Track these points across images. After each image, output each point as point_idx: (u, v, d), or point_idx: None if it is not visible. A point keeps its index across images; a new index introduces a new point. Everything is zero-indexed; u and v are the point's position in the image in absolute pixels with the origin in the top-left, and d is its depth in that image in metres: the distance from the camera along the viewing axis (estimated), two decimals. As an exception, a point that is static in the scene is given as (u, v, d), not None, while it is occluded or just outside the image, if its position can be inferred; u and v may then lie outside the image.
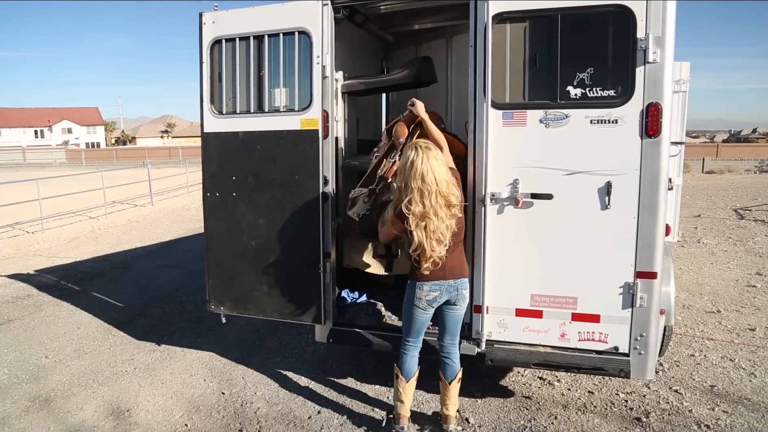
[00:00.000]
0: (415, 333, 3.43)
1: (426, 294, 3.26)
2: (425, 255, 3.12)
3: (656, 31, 3.01)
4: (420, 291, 3.26)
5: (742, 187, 18.09)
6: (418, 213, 3.04)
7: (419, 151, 3.08)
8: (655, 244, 3.18)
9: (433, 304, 3.30)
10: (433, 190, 3.03)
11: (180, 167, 27.84)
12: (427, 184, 3.02)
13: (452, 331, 3.45)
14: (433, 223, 3.05)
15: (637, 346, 3.29)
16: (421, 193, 3.03)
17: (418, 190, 3.03)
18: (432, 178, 3.02)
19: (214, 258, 4.25)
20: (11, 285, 7.74)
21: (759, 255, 8.42)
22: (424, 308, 3.31)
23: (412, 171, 3.04)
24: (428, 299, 3.27)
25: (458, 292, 3.30)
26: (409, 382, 3.48)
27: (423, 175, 3.02)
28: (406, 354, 3.48)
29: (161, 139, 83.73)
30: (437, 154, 3.11)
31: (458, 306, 3.36)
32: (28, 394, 4.34)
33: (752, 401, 3.91)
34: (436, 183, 3.03)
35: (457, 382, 3.49)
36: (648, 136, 3.10)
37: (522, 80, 3.36)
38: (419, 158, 3.04)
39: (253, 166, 4.00)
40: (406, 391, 3.49)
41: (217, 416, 3.93)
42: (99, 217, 14.10)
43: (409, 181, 3.05)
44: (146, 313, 6.27)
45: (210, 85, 4.09)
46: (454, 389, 3.49)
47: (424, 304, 3.29)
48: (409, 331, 3.44)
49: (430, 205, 3.03)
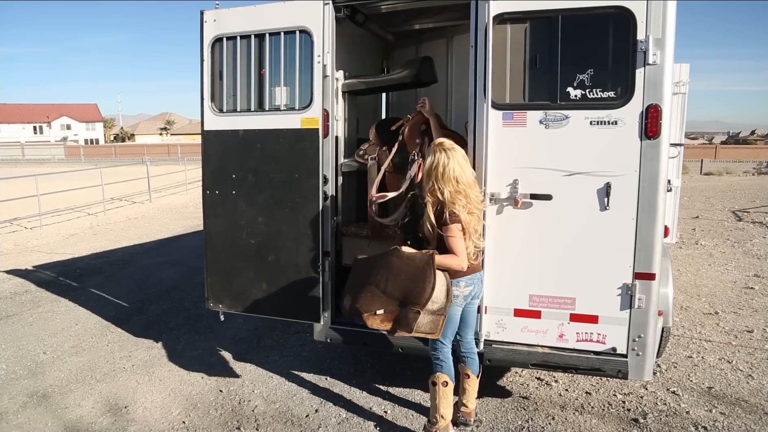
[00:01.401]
0: (451, 333, 3.36)
1: (463, 290, 3.23)
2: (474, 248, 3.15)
3: (656, 32, 3.02)
4: (457, 288, 3.20)
5: (740, 189, 18.12)
6: (466, 208, 3.07)
7: (444, 154, 3.10)
8: (654, 245, 3.19)
9: (468, 299, 3.30)
10: (468, 186, 3.10)
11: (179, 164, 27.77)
12: (462, 183, 3.07)
13: (472, 325, 3.48)
14: (476, 215, 3.13)
15: (635, 347, 3.30)
16: (459, 192, 3.07)
17: (456, 192, 3.06)
18: (465, 177, 3.09)
19: (213, 255, 4.25)
20: (9, 281, 7.73)
21: (757, 257, 8.44)
22: (460, 305, 3.28)
23: (444, 175, 3.06)
24: (465, 294, 3.26)
25: (481, 285, 3.38)
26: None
27: (457, 177, 3.06)
28: (445, 357, 3.37)
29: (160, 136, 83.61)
30: (462, 155, 3.16)
31: (478, 299, 3.41)
32: (26, 390, 4.35)
33: (749, 403, 3.92)
34: (466, 183, 3.10)
35: (480, 376, 3.53)
36: (647, 138, 3.11)
37: (522, 81, 3.37)
38: (450, 162, 3.07)
39: (253, 165, 4.01)
40: (452, 394, 3.41)
41: (215, 414, 3.94)
42: (97, 214, 14.08)
43: (445, 185, 3.06)
44: (144, 310, 6.27)
45: (211, 83, 4.09)
46: (477, 384, 3.53)
47: (461, 300, 3.26)
48: (446, 333, 3.30)
49: (470, 201, 3.09)
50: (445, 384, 3.35)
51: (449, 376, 3.36)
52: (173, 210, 15.32)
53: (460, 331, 3.46)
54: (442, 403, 3.36)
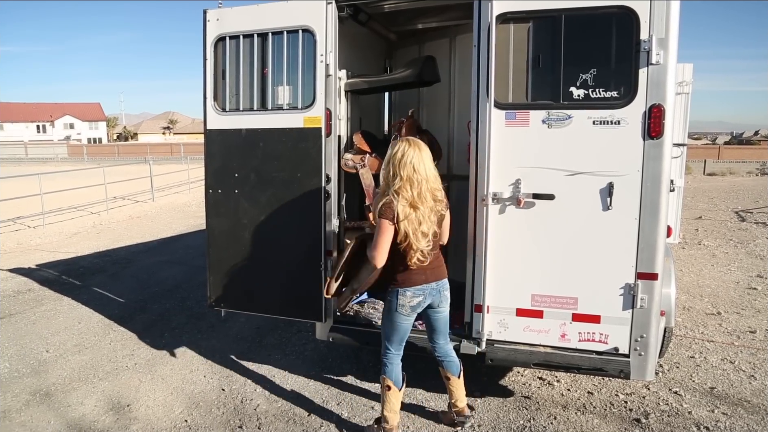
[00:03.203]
0: (398, 341, 3.35)
1: (409, 300, 3.20)
2: (411, 248, 3.06)
3: (660, 32, 3.01)
4: (403, 297, 3.20)
5: (743, 190, 18.08)
6: (408, 200, 3.02)
7: (411, 143, 3.11)
8: (657, 245, 3.19)
9: (417, 310, 3.25)
10: (422, 180, 3.04)
11: (181, 164, 27.85)
12: (419, 173, 3.03)
13: (443, 331, 3.44)
14: (421, 212, 3.03)
15: (638, 347, 3.30)
16: (411, 182, 3.02)
17: (408, 179, 3.02)
18: (423, 168, 3.05)
19: (215, 254, 4.26)
20: (12, 279, 7.76)
21: (760, 257, 8.42)
22: (407, 315, 3.24)
23: (402, 162, 3.05)
24: (412, 305, 3.21)
25: (440, 294, 3.28)
26: (400, 391, 3.42)
27: (414, 165, 3.03)
28: (392, 364, 3.38)
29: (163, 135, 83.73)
30: (427, 151, 3.15)
31: (442, 308, 3.34)
32: (29, 388, 4.36)
33: (752, 403, 3.91)
34: (426, 175, 3.06)
35: (462, 375, 3.52)
36: (650, 138, 3.10)
37: (525, 80, 3.36)
38: (410, 151, 3.06)
39: (255, 164, 4.01)
40: (398, 401, 3.42)
41: (217, 412, 3.94)
42: (100, 213, 14.11)
43: (399, 170, 3.05)
44: (147, 308, 6.28)
45: (213, 82, 4.10)
46: (461, 384, 3.52)
47: (408, 310, 3.22)
48: (392, 340, 3.34)
49: (420, 195, 3.03)
50: (388, 388, 3.36)
51: (393, 381, 3.36)
52: (176, 209, 15.35)
53: (431, 338, 3.47)
54: (386, 405, 3.40)
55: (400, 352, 3.41)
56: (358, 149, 4.11)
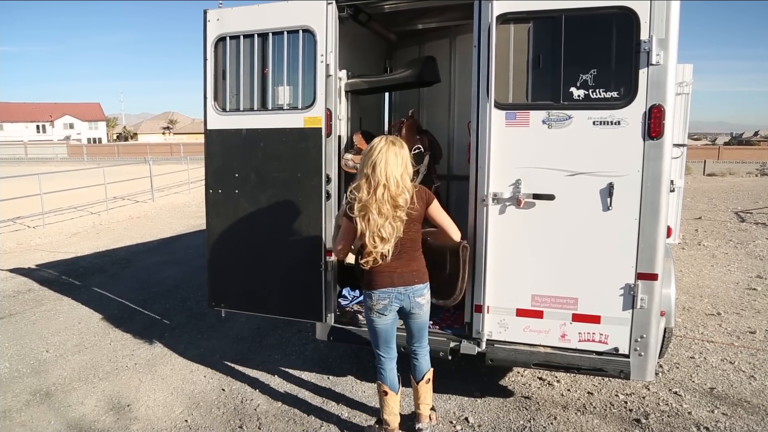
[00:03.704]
0: (383, 343, 3.30)
1: (376, 303, 3.16)
2: (365, 248, 3.00)
3: (660, 33, 3.01)
4: (370, 300, 3.19)
5: (743, 190, 18.08)
6: (361, 200, 2.93)
7: (384, 142, 3.00)
8: (657, 245, 3.19)
9: (385, 312, 3.18)
10: (380, 183, 2.91)
11: (181, 164, 27.84)
12: (375, 174, 2.92)
13: (418, 336, 3.37)
14: (374, 216, 2.90)
15: (637, 347, 3.30)
16: (369, 181, 2.94)
17: (366, 178, 2.95)
18: (382, 169, 2.92)
19: (215, 254, 4.26)
20: (12, 279, 7.76)
21: (759, 258, 8.42)
22: (378, 317, 3.20)
23: (367, 158, 2.97)
24: (379, 308, 3.17)
25: (410, 300, 3.18)
26: (398, 394, 3.39)
27: (375, 164, 2.93)
28: (385, 370, 3.34)
29: (163, 135, 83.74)
30: (400, 153, 2.99)
31: (415, 314, 3.24)
32: (29, 388, 4.36)
33: (752, 404, 3.91)
34: (386, 177, 2.91)
35: (426, 382, 3.42)
36: (650, 138, 3.10)
37: (525, 81, 3.36)
38: (379, 147, 2.96)
39: (255, 164, 4.01)
40: (396, 404, 3.39)
41: (217, 412, 3.95)
42: (100, 213, 14.11)
43: (363, 166, 2.99)
44: (147, 308, 6.28)
45: (214, 82, 4.10)
46: (423, 389, 3.42)
47: (377, 313, 3.19)
48: (377, 343, 3.31)
49: (374, 196, 2.91)
50: (385, 393, 3.34)
51: (389, 386, 3.34)
52: (176, 209, 15.35)
53: (407, 340, 3.43)
54: (384, 409, 3.38)
55: (391, 356, 3.36)
56: (358, 149, 4.11)
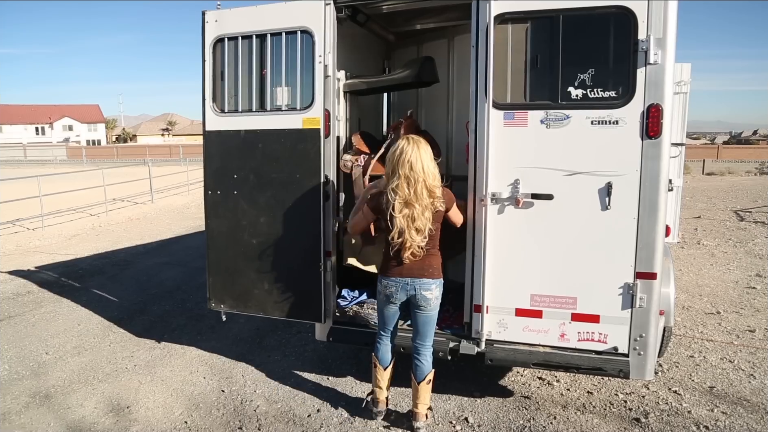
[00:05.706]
0: (383, 324, 3.57)
1: (384, 288, 3.40)
2: (405, 244, 3.21)
3: (657, 32, 3.02)
4: (380, 285, 3.43)
5: (742, 189, 18.09)
6: (404, 198, 3.14)
7: (410, 141, 3.21)
8: (655, 244, 3.19)
9: (392, 299, 3.39)
10: (420, 179, 3.14)
11: (180, 165, 27.83)
12: (415, 172, 3.14)
13: (421, 332, 3.47)
14: (416, 210, 3.15)
15: (637, 346, 3.30)
16: (408, 180, 3.14)
17: (405, 177, 3.14)
18: (420, 167, 3.14)
19: (214, 256, 4.26)
20: (11, 281, 7.75)
21: (759, 257, 8.43)
22: (384, 302, 3.44)
23: (402, 158, 3.15)
24: (386, 294, 3.39)
25: (416, 292, 3.33)
26: (386, 370, 3.61)
27: (412, 163, 3.14)
28: (379, 343, 3.62)
29: (162, 137, 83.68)
30: (427, 148, 3.23)
31: (422, 307, 3.37)
32: (29, 390, 4.36)
33: (751, 402, 3.92)
34: (424, 172, 3.15)
35: (426, 383, 3.50)
36: (648, 137, 3.11)
37: (523, 81, 3.37)
38: (410, 147, 3.17)
39: (254, 165, 4.02)
40: (383, 378, 3.62)
41: (217, 414, 3.94)
42: (99, 215, 14.10)
43: (398, 168, 3.16)
44: (146, 310, 6.28)
45: (212, 84, 4.10)
46: (422, 389, 3.50)
47: (383, 297, 3.42)
48: (379, 322, 3.60)
49: (415, 192, 3.14)
50: (374, 365, 3.63)
51: (379, 360, 3.61)
52: (175, 211, 15.34)
53: (413, 335, 3.54)
54: (373, 381, 3.67)
55: (387, 335, 3.61)
56: (357, 150, 4.12)
